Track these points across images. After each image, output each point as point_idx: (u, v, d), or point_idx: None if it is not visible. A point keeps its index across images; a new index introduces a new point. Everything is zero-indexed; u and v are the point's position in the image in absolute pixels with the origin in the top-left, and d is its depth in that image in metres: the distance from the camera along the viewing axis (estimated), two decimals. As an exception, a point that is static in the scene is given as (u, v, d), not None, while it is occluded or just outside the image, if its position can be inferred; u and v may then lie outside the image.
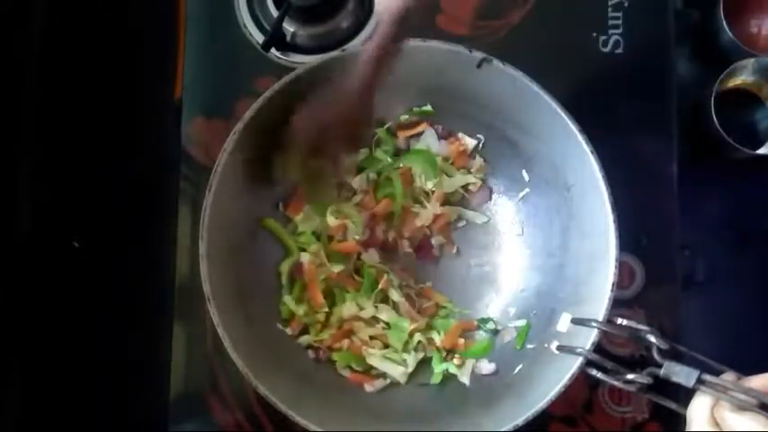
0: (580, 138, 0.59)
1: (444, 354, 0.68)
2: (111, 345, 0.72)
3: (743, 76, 0.79)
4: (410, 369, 0.67)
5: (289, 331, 0.67)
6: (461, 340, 0.68)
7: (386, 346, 0.68)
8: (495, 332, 0.69)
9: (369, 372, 0.67)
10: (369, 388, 0.66)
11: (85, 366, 0.71)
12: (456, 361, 0.67)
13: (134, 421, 0.73)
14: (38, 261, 0.68)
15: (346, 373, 0.67)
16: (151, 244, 0.76)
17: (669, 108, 0.73)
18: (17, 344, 0.66)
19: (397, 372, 0.66)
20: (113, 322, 0.72)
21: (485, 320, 0.69)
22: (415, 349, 0.67)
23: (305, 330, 0.68)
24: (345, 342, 0.67)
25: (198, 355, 0.71)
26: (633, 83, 0.73)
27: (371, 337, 0.68)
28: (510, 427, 0.57)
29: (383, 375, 0.67)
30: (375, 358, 0.67)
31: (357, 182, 0.70)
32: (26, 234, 0.67)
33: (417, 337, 0.67)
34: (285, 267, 0.68)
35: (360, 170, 0.71)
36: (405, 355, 0.67)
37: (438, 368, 0.67)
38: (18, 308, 0.65)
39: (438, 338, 0.68)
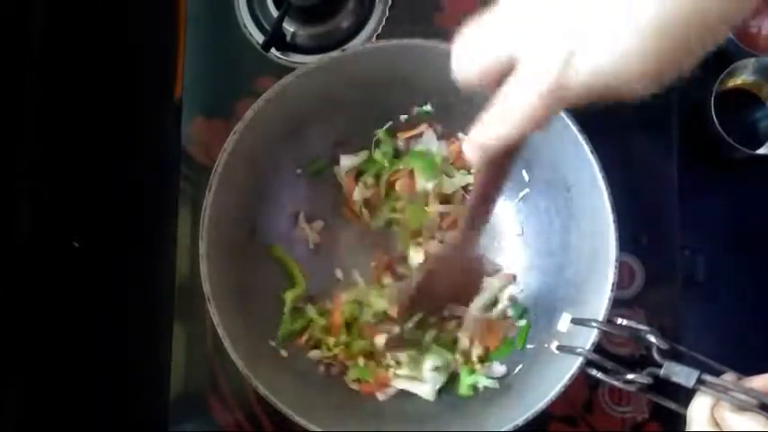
0: (580, 138, 0.59)
1: (473, 363, 0.67)
2: (111, 345, 0.72)
3: (743, 76, 0.79)
4: (438, 386, 0.66)
5: (284, 353, 0.65)
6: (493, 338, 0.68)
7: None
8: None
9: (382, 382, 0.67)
10: (381, 396, 0.66)
11: (85, 366, 0.71)
12: (480, 368, 0.67)
13: (134, 421, 0.73)
14: (38, 261, 0.68)
15: (356, 386, 0.67)
16: (151, 244, 0.76)
17: (669, 108, 0.73)
18: (17, 344, 0.66)
19: (425, 390, 0.66)
20: (113, 322, 0.72)
21: (517, 308, 0.69)
22: (447, 368, 0.67)
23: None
24: (361, 360, 0.67)
25: (198, 355, 0.71)
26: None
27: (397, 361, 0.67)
28: (510, 427, 0.57)
29: None
30: (401, 380, 0.66)
31: (357, 191, 0.70)
32: (26, 234, 0.67)
33: (455, 356, 0.67)
34: (290, 297, 0.67)
35: (359, 174, 0.71)
36: (436, 374, 0.66)
37: (467, 381, 0.66)
38: (18, 308, 0.65)
39: (475, 351, 0.67)
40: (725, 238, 0.82)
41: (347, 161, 0.70)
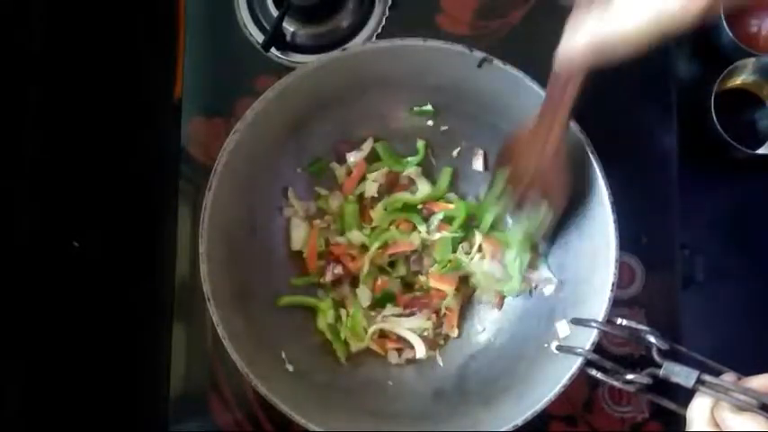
0: (580, 138, 0.59)
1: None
2: (111, 345, 0.72)
3: (743, 76, 0.79)
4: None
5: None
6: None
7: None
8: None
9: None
10: (393, 359, 0.68)
11: (85, 366, 0.71)
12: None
13: (134, 421, 0.73)
14: (38, 261, 0.68)
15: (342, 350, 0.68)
16: (151, 244, 0.76)
17: (669, 108, 0.73)
18: (17, 344, 0.66)
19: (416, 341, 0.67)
20: (113, 322, 0.72)
21: None
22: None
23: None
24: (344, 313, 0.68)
25: (198, 355, 0.71)
26: (633, 83, 0.73)
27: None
28: (510, 427, 0.57)
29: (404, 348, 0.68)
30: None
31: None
32: (26, 234, 0.67)
33: None
34: (322, 324, 0.69)
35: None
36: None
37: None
38: (18, 308, 0.65)
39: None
40: (725, 238, 0.82)
41: (353, 157, 0.70)
